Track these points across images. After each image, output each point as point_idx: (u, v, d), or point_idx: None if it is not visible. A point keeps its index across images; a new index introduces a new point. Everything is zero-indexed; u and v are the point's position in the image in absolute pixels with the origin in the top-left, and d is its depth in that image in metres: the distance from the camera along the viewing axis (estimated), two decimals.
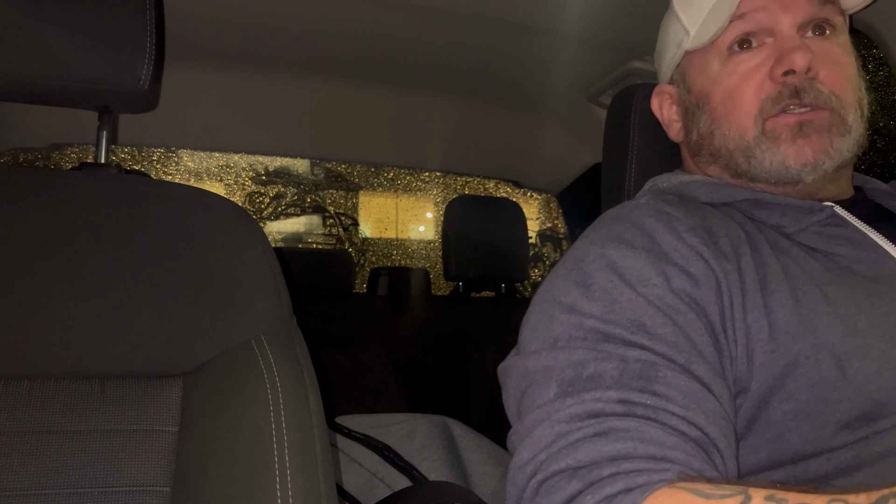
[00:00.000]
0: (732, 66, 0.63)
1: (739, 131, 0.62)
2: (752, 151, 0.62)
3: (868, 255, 0.57)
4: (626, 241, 0.56)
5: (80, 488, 0.57)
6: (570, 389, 0.48)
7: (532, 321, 0.56)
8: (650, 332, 0.50)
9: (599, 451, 0.43)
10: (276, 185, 4.81)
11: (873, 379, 0.50)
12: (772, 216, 0.61)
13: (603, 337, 0.50)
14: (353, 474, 1.26)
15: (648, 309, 0.51)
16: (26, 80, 0.65)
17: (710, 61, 0.65)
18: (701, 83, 0.66)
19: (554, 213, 4.85)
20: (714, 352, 0.52)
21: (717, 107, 0.64)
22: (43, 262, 0.61)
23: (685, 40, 0.66)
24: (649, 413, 0.45)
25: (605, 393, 0.47)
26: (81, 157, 3.19)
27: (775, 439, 0.52)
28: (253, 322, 0.64)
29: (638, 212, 0.60)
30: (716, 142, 0.65)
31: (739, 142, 0.62)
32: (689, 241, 0.56)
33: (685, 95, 0.69)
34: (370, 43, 1.18)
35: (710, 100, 0.65)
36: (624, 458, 0.43)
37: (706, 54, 0.65)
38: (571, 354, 0.50)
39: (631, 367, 0.48)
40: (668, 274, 0.53)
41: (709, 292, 0.53)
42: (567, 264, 0.58)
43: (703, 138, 0.66)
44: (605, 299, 0.52)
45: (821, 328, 0.52)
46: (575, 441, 0.45)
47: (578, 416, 0.46)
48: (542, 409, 0.48)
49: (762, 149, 0.61)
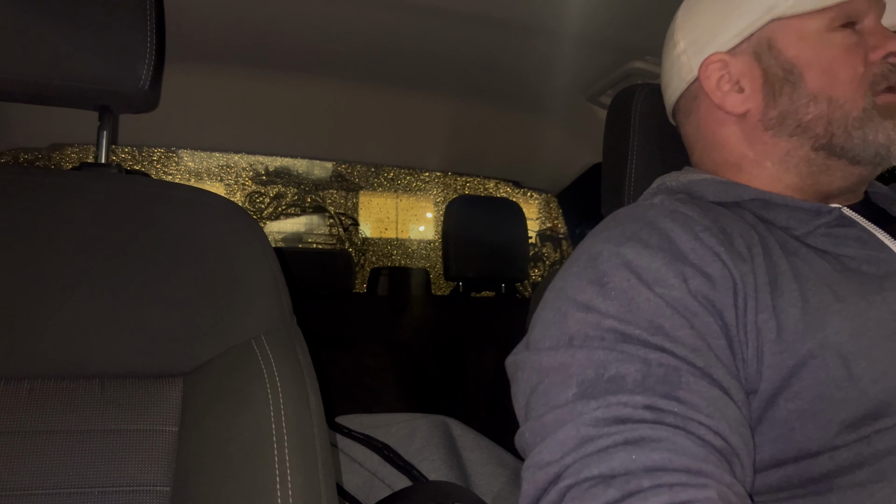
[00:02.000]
0: (837, 39, 0.62)
1: (849, 101, 0.60)
2: (860, 122, 0.60)
3: (877, 255, 0.57)
4: (642, 241, 0.56)
5: (80, 488, 0.57)
6: (592, 391, 0.47)
7: (544, 318, 0.55)
8: (669, 333, 0.50)
9: (633, 461, 0.43)
10: (277, 185, 4.80)
11: (879, 379, 0.50)
12: (780, 217, 0.61)
13: (621, 337, 0.50)
14: (353, 474, 1.26)
15: (666, 310, 0.51)
16: (26, 80, 0.65)
17: (810, 31, 0.62)
18: (798, 50, 0.63)
19: (554, 213, 4.85)
20: (730, 355, 0.51)
21: (820, 75, 0.62)
22: (43, 262, 0.61)
23: (780, 5, 0.62)
24: (678, 422, 0.45)
25: (631, 398, 0.46)
26: (81, 157, 3.19)
27: (779, 438, 0.52)
28: (253, 322, 0.64)
29: (652, 211, 0.59)
30: (816, 110, 0.62)
31: (848, 110, 0.61)
32: (706, 242, 0.55)
33: (769, 62, 0.64)
34: (370, 43, 1.18)
35: (812, 68, 0.62)
36: (660, 469, 0.42)
37: (805, 22, 0.63)
38: (591, 354, 0.49)
39: (654, 371, 0.47)
40: (686, 275, 0.53)
41: (725, 294, 0.53)
42: (580, 262, 0.57)
43: (796, 106, 0.63)
44: (621, 298, 0.52)
45: (830, 327, 0.52)
46: (605, 448, 0.44)
47: (605, 420, 0.46)
48: (563, 410, 0.48)
49: (872, 122, 0.60)
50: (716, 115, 0.68)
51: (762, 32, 0.65)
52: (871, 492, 0.49)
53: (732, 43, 0.66)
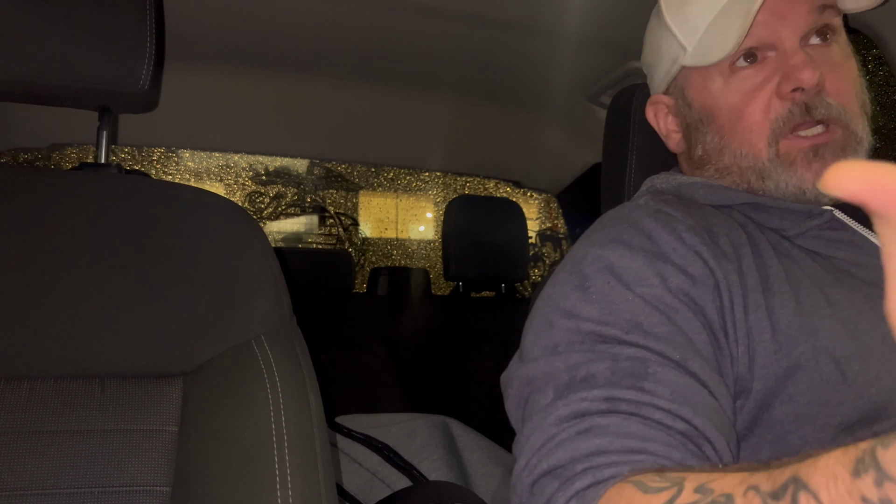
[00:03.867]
0: (737, 84, 0.61)
1: (752, 151, 0.61)
2: (767, 172, 0.61)
3: (868, 259, 0.57)
4: (625, 242, 0.56)
5: (80, 488, 0.57)
6: (564, 392, 0.48)
7: (534, 327, 0.56)
8: (646, 330, 0.50)
9: (577, 449, 0.44)
10: (276, 185, 4.80)
11: (873, 382, 0.50)
12: (771, 219, 0.61)
13: (599, 338, 0.50)
14: (353, 474, 1.26)
15: (645, 308, 0.51)
16: (26, 80, 0.65)
17: (712, 78, 0.63)
18: (703, 100, 0.64)
19: (554, 213, 4.85)
20: (712, 350, 0.51)
21: (724, 124, 0.62)
22: (43, 262, 0.61)
23: (681, 56, 0.64)
24: (632, 408, 0.45)
25: (591, 392, 0.47)
26: (81, 157, 3.19)
27: (777, 440, 0.52)
28: (253, 322, 0.64)
29: (637, 212, 0.60)
30: (726, 159, 0.63)
31: (753, 161, 0.61)
32: (687, 241, 0.55)
33: (686, 110, 0.67)
34: (370, 43, 1.18)
35: (716, 118, 0.63)
36: (597, 453, 0.43)
37: (707, 71, 0.63)
38: (568, 358, 0.50)
39: (622, 366, 0.48)
40: (665, 273, 0.53)
41: (707, 292, 0.53)
42: (566, 267, 0.58)
43: (709, 154, 0.65)
44: (601, 301, 0.52)
45: (822, 331, 0.52)
46: (560, 442, 0.45)
47: (566, 417, 0.46)
48: (539, 415, 0.48)
49: (778, 171, 0.60)
50: None
51: (677, 80, 0.67)
52: None
53: (663, 87, 0.70)
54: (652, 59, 0.71)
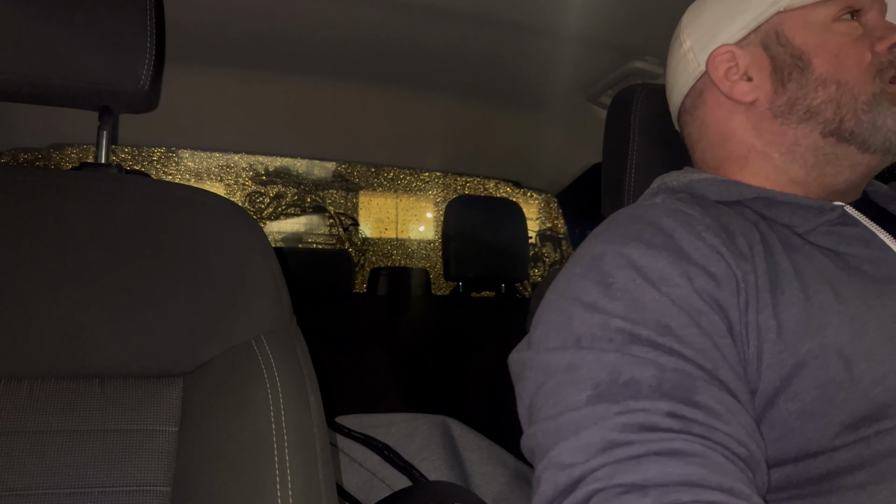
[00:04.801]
0: (843, 28, 0.63)
1: (857, 85, 0.61)
2: (867, 107, 0.60)
3: (878, 255, 0.57)
4: (645, 241, 0.56)
5: (80, 488, 0.57)
6: (608, 394, 0.47)
7: (547, 318, 0.55)
8: (676, 333, 0.50)
9: (668, 473, 0.43)
10: (276, 185, 4.80)
11: (879, 381, 0.50)
12: (782, 215, 0.61)
13: (630, 338, 0.50)
14: (353, 474, 1.26)
15: (672, 309, 0.51)
16: (26, 80, 0.65)
17: (816, 19, 0.64)
18: (804, 38, 0.64)
19: (554, 213, 4.85)
20: (735, 354, 0.51)
21: (828, 60, 0.62)
22: (43, 262, 0.61)
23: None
24: (704, 432, 0.45)
25: (652, 404, 0.46)
26: (81, 157, 3.19)
27: (779, 438, 0.52)
28: (253, 322, 0.64)
29: (654, 211, 0.59)
30: (820, 96, 0.62)
31: (854, 95, 0.61)
32: (708, 241, 0.55)
33: (777, 50, 0.65)
34: (370, 43, 1.18)
35: (819, 54, 0.63)
36: (698, 485, 0.42)
37: (811, 12, 0.64)
38: (601, 356, 0.49)
39: (668, 377, 0.47)
40: (690, 274, 0.53)
41: (729, 293, 0.53)
42: (584, 263, 0.57)
43: (801, 93, 0.63)
44: (627, 298, 0.52)
45: (830, 328, 0.52)
46: (637, 455, 0.44)
47: (630, 426, 0.46)
48: (580, 412, 0.47)
49: (882, 107, 0.60)
50: (723, 108, 0.68)
51: (768, 24, 0.66)
52: (870, 493, 0.49)
53: (739, 35, 0.67)
54: (730, 7, 0.68)
